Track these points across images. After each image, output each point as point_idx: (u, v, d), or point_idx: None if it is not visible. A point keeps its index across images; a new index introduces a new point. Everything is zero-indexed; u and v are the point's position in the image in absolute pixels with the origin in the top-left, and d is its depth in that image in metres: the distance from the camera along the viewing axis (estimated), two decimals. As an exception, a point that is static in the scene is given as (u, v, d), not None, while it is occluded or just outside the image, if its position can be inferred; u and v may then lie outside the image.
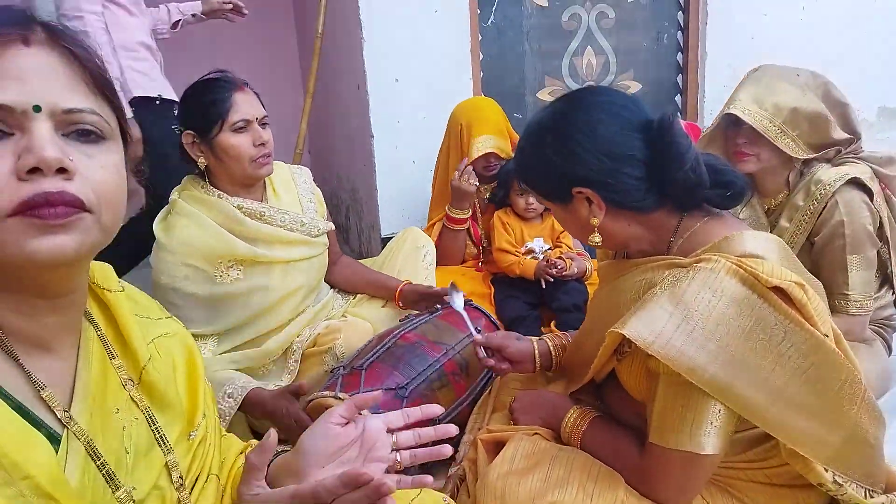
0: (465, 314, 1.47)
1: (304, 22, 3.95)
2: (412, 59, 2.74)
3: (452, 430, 0.82)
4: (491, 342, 1.34)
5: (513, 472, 1.07)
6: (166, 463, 0.70)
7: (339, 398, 1.30)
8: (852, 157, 1.74)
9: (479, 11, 2.97)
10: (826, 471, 0.97)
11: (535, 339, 1.40)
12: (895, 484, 1.06)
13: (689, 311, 0.94)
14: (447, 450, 0.81)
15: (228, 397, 1.42)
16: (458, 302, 1.49)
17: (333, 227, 1.78)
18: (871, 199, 1.69)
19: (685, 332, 0.93)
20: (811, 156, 1.71)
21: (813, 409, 0.95)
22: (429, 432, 0.82)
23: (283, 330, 1.62)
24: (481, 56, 3.03)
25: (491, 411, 1.41)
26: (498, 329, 1.76)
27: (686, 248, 1.07)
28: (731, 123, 1.76)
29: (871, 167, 1.74)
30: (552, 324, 2.08)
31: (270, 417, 1.40)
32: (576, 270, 2.13)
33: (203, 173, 1.58)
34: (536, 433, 1.21)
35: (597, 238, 1.10)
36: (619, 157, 1.04)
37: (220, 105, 1.50)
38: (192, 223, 1.53)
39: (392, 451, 0.80)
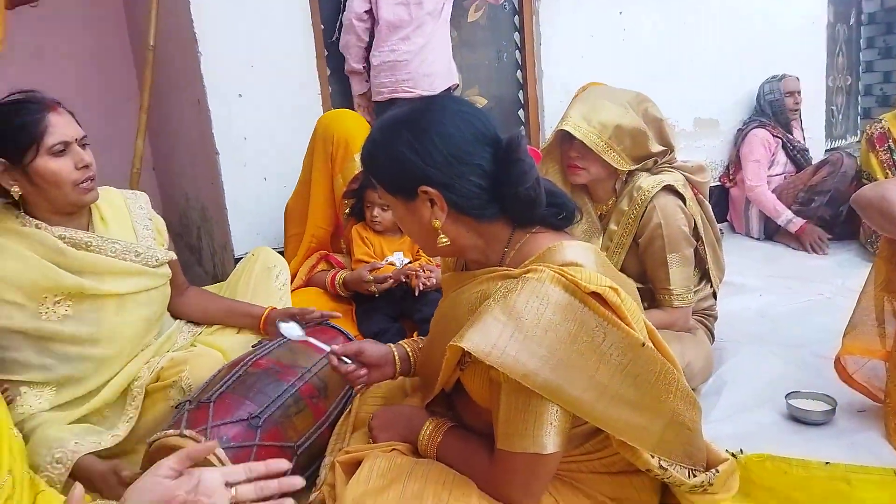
0: (311, 339, 1.40)
1: (137, 31, 3.70)
2: (255, 74, 2.67)
3: (297, 482, 0.80)
4: (348, 349, 1.33)
5: (368, 492, 1.06)
6: None
7: (186, 436, 1.22)
8: (667, 167, 1.94)
9: (322, 27, 2.95)
10: (652, 457, 1.06)
11: (392, 344, 1.41)
12: (715, 461, 1.17)
13: (521, 320, 0.99)
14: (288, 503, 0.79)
15: (57, 462, 1.29)
16: (292, 332, 1.43)
17: (175, 257, 1.66)
18: (685, 204, 1.89)
19: (518, 341, 0.98)
20: (634, 167, 1.88)
21: (634, 402, 1.04)
22: (271, 485, 0.79)
23: (121, 371, 1.49)
24: (328, 72, 3.01)
25: (351, 431, 1.39)
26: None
27: (517, 259, 1.13)
28: (564, 138, 1.90)
29: (683, 175, 1.95)
30: (415, 335, 2.11)
31: (100, 493, 1.29)
32: (434, 282, 2.17)
33: (17, 203, 1.43)
34: (394, 449, 1.22)
35: (444, 239, 1.12)
36: (466, 163, 1.08)
37: (33, 127, 1.37)
38: (9, 257, 1.39)
39: None
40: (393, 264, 2.21)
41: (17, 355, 1.39)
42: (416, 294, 2.10)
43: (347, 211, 2.31)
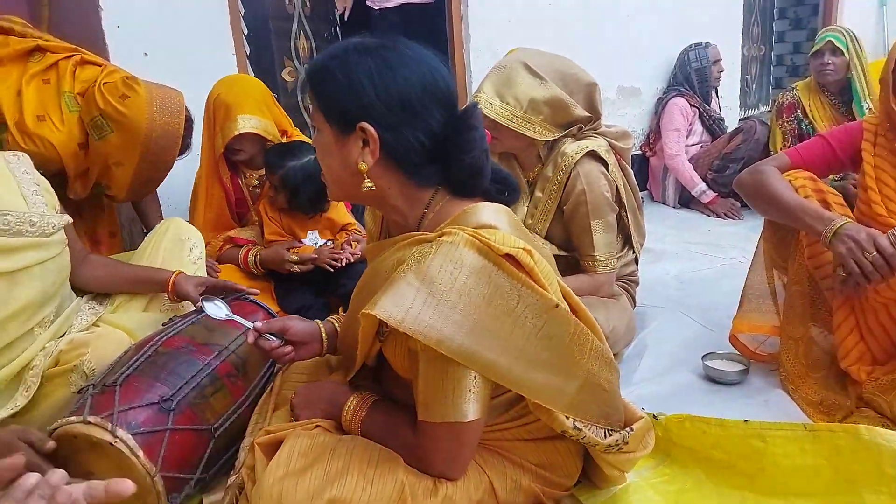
0: (236, 317, 1.35)
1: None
2: (162, 31, 2.48)
3: (127, 487, 0.70)
4: (272, 326, 1.26)
5: (289, 474, 1.02)
6: None
7: (90, 422, 1.13)
8: (592, 133, 1.93)
9: (238, -21, 2.77)
10: (567, 418, 1.07)
11: (319, 321, 1.35)
12: (632, 420, 1.20)
13: (434, 285, 0.96)
14: None
15: None
16: (218, 313, 1.37)
17: (70, 220, 1.52)
18: (607, 170, 1.89)
19: (431, 306, 0.96)
20: (559, 134, 1.87)
21: (549, 363, 1.04)
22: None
23: (11, 354, 1.36)
24: (245, 31, 2.84)
25: (272, 410, 1.34)
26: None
27: (434, 223, 1.10)
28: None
29: (608, 141, 1.95)
30: (340, 310, 2.05)
31: None
32: (360, 253, 2.12)
33: None
34: (318, 426, 1.17)
35: (369, 184, 1.06)
36: (418, 116, 1.04)
37: None
38: None
39: None
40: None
41: None
42: (340, 267, 2.06)
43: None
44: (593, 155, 1.87)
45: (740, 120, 4.71)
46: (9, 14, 1.89)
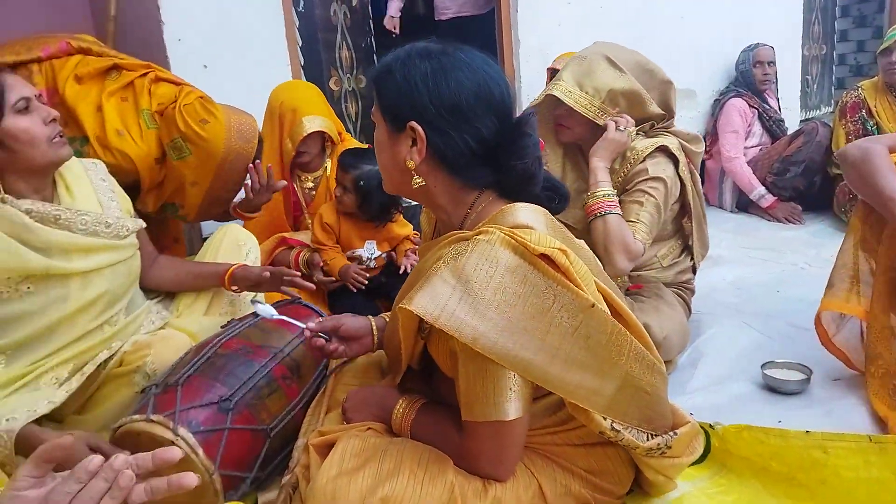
0: (285, 317, 1.40)
1: (98, 0, 3.56)
2: (221, 44, 2.57)
3: (189, 481, 0.71)
4: (325, 325, 1.30)
5: (342, 473, 1.04)
6: None
7: (153, 421, 1.18)
8: (664, 131, 1.91)
9: (292, -4, 2.86)
10: (605, 419, 1.06)
11: (371, 316, 1.38)
12: (679, 424, 1.18)
13: (469, 283, 0.98)
14: None
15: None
16: (267, 311, 1.42)
17: (144, 225, 1.61)
18: (677, 167, 1.86)
19: (467, 303, 0.97)
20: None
21: (586, 363, 1.03)
22: (160, 486, 0.70)
23: (72, 345, 1.43)
24: (300, 42, 2.92)
25: (325, 412, 1.37)
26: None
27: (475, 222, 1.11)
28: (554, 102, 1.86)
29: (679, 141, 1.92)
30: (392, 312, 2.10)
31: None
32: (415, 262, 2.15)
33: None
34: (369, 429, 1.20)
35: (418, 180, 1.10)
36: (466, 120, 1.06)
37: None
38: None
39: None
40: (359, 258, 2.19)
41: None
42: (400, 272, 2.09)
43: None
44: (664, 150, 1.85)
45: (801, 121, 4.55)
46: (77, 30, 2.00)
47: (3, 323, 1.37)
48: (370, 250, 2.19)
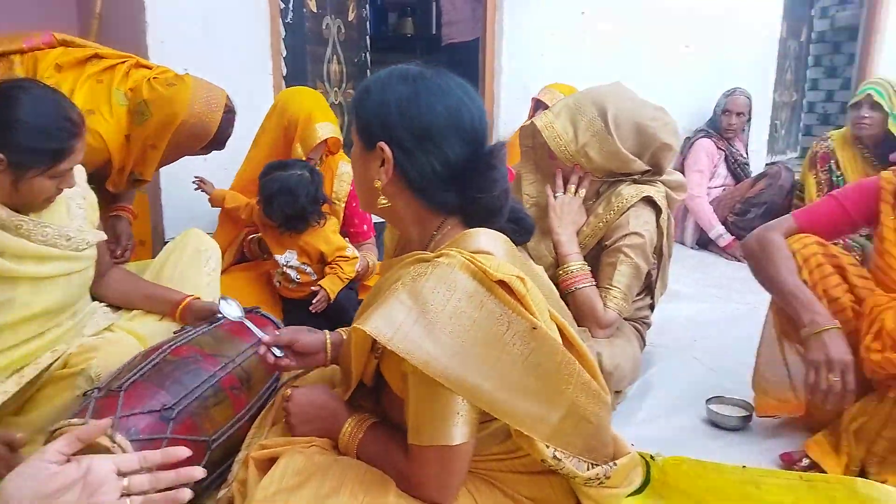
0: (247, 322, 1.41)
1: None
2: (204, 49, 2.58)
3: (198, 473, 0.77)
4: (282, 338, 1.31)
5: (281, 491, 1.04)
6: None
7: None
8: (653, 179, 1.95)
9: (281, 5, 2.88)
10: (548, 448, 1.06)
11: (327, 331, 1.39)
12: (620, 454, 1.19)
13: (426, 306, 0.98)
14: (184, 494, 0.75)
15: None
16: (232, 312, 1.42)
17: (104, 237, 1.59)
18: (658, 218, 1.90)
19: (421, 326, 0.98)
20: (609, 179, 1.90)
21: (534, 391, 1.04)
22: (168, 476, 0.75)
23: (13, 349, 1.40)
24: (284, 52, 2.94)
25: (270, 425, 1.36)
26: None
27: (438, 244, 1.13)
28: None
29: (666, 190, 1.96)
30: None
31: None
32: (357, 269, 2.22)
33: None
34: (314, 444, 1.19)
35: (384, 200, 1.12)
36: (435, 144, 1.07)
37: (59, 156, 1.35)
38: None
39: (122, 496, 0.72)
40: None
41: None
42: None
43: None
44: (649, 201, 1.88)
45: (767, 164, 4.68)
46: (62, 29, 2.01)
47: None
48: (287, 258, 2.19)
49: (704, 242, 3.73)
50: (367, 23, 3.33)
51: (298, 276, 2.20)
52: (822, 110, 6.34)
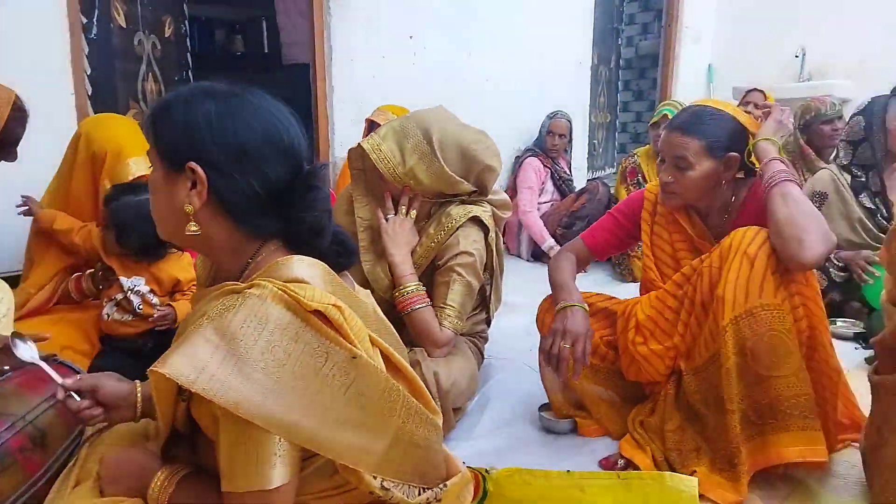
0: (42, 364, 1.24)
1: None
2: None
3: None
4: (81, 385, 1.16)
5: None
6: None
7: None
8: (480, 199, 2.01)
9: (83, 20, 2.64)
10: (375, 479, 1.03)
11: (138, 381, 1.25)
12: (452, 474, 1.19)
13: (235, 342, 0.92)
14: None
15: None
16: (25, 352, 1.26)
17: None
18: (487, 237, 1.96)
19: (230, 364, 0.91)
20: (439, 200, 1.93)
21: (357, 422, 1.00)
22: None
23: None
24: (88, 70, 2.69)
25: (73, 485, 1.21)
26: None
27: (253, 272, 1.07)
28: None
29: (492, 209, 2.03)
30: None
31: None
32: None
33: None
34: (122, 504, 1.08)
35: (194, 227, 1.03)
36: (253, 164, 1.01)
37: None
38: None
39: None
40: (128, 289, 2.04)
41: None
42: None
43: None
44: (476, 220, 1.93)
45: (588, 180, 5.10)
46: None
47: None
48: (134, 282, 2.01)
49: (538, 255, 3.96)
50: (188, 39, 3.16)
51: (140, 306, 2.01)
52: (633, 130, 7.04)
